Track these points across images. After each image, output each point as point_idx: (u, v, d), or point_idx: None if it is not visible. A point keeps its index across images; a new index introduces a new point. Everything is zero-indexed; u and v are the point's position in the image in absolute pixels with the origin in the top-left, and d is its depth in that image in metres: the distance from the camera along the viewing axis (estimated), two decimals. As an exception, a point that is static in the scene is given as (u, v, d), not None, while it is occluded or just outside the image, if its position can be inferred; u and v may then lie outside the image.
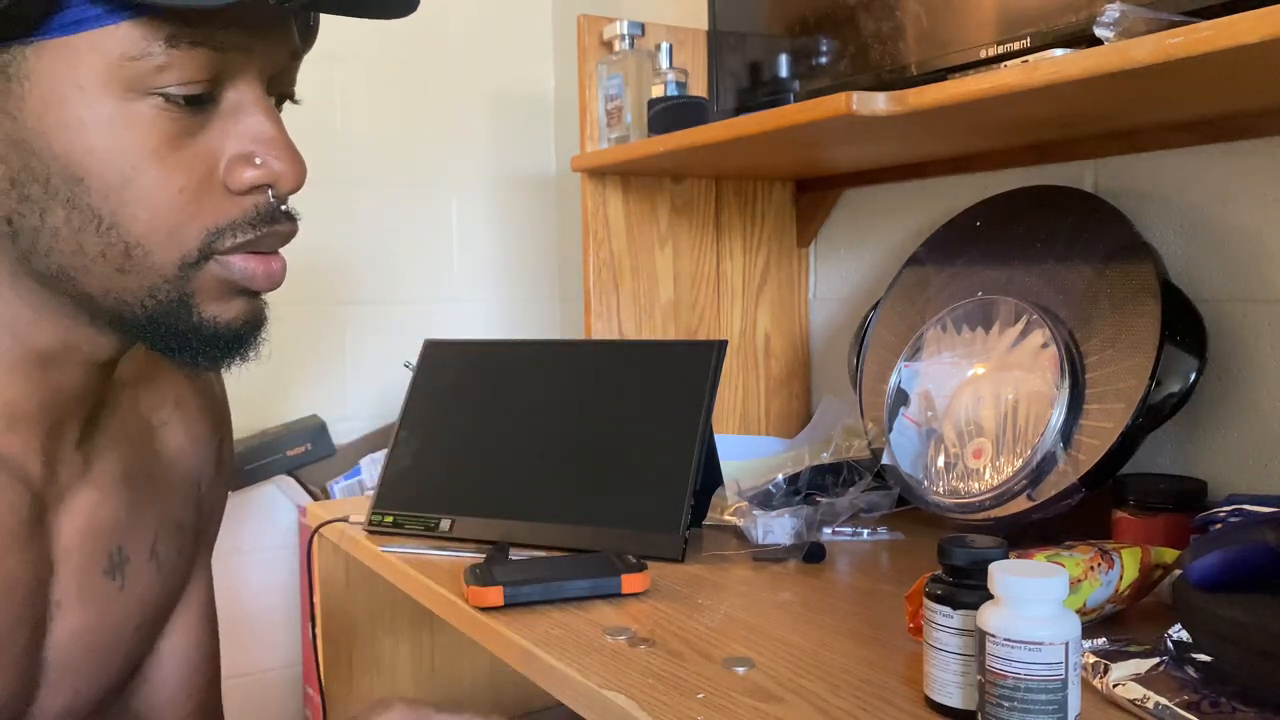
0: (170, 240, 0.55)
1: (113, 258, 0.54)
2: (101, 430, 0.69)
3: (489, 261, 2.02)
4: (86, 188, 0.53)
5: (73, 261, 0.55)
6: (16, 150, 0.53)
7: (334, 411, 1.84)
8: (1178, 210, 1.06)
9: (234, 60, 0.54)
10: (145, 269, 0.55)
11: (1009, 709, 0.59)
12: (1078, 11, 0.88)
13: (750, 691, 0.71)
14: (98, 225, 0.53)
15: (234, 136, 0.55)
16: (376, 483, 1.18)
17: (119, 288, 0.56)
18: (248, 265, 0.58)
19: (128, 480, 0.70)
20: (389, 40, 1.87)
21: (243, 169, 0.56)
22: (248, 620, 1.81)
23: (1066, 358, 0.98)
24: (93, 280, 0.55)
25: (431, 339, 1.26)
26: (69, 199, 0.53)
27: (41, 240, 0.54)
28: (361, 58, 1.85)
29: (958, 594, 0.66)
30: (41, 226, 0.54)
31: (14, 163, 0.53)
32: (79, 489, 0.66)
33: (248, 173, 0.56)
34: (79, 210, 0.53)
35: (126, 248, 0.54)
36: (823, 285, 1.52)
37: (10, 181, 0.53)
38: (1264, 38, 0.65)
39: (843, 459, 1.18)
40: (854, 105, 0.91)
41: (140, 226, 0.54)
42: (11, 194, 0.54)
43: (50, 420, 0.63)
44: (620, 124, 1.34)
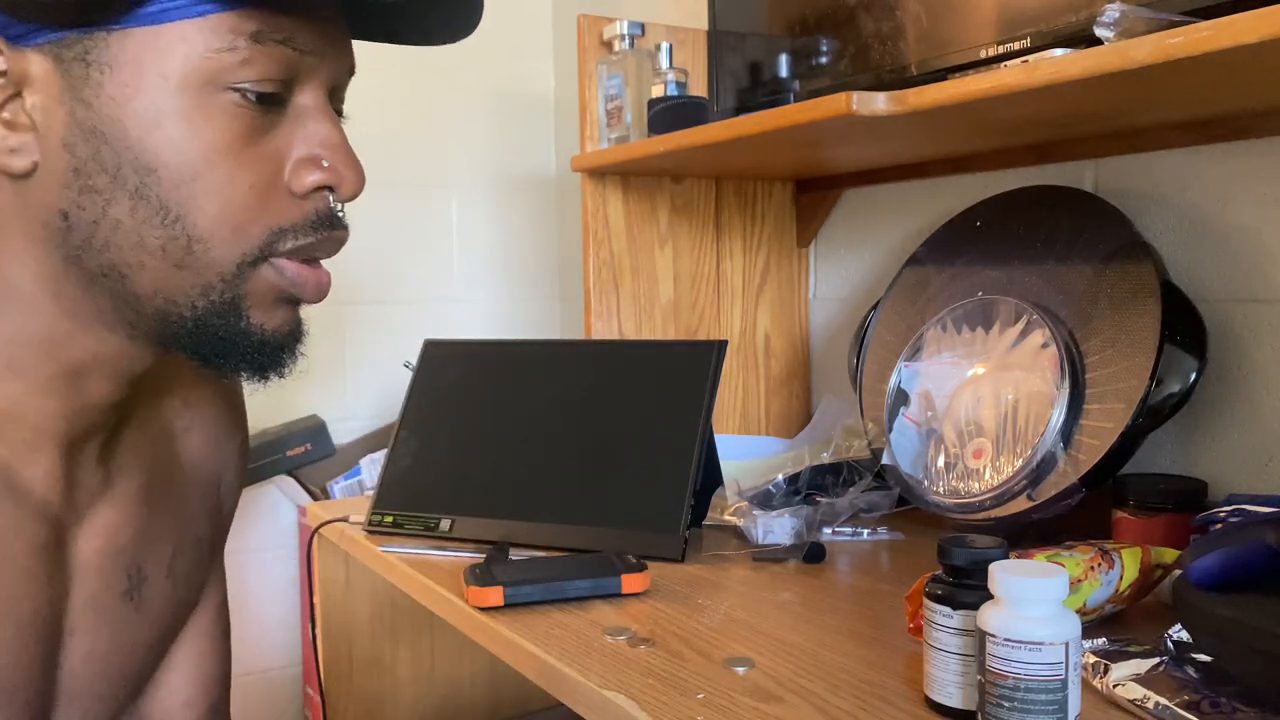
0: (234, 236, 0.55)
1: (173, 252, 0.54)
2: (122, 444, 0.67)
3: (489, 261, 2.02)
4: (158, 178, 0.53)
5: (129, 257, 0.54)
6: (87, 139, 0.52)
7: (334, 411, 1.84)
8: (1178, 210, 1.06)
9: (308, 64, 0.55)
10: (204, 265, 0.55)
11: (1009, 709, 0.59)
12: (1078, 11, 0.88)
13: (750, 691, 0.71)
14: (164, 217, 0.53)
15: (301, 140, 0.56)
16: (376, 483, 1.18)
17: (171, 286, 0.55)
18: (300, 273, 0.58)
19: (148, 495, 0.69)
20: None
21: (308, 171, 0.56)
22: (248, 620, 1.81)
23: (1066, 358, 0.98)
24: (145, 278, 0.55)
25: (431, 339, 1.26)
26: (137, 189, 0.53)
27: (99, 234, 0.54)
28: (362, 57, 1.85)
29: (958, 594, 0.66)
30: (102, 219, 0.53)
31: (82, 152, 0.53)
32: (99, 508, 0.65)
33: (312, 175, 0.56)
34: (146, 201, 0.53)
35: (189, 241, 0.54)
36: (823, 285, 1.52)
37: (74, 172, 0.53)
38: (1264, 38, 0.65)
39: (843, 459, 1.18)
40: (854, 105, 0.91)
41: (207, 220, 0.54)
42: (74, 185, 0.53)
43: (74, 438, 0.62)
44: (620, 124, 1.34)
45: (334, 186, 0.57)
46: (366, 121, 1.85)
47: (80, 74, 0.52)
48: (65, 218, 0.54)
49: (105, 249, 0.54)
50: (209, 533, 0.78)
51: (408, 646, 1.42)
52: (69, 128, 0.53)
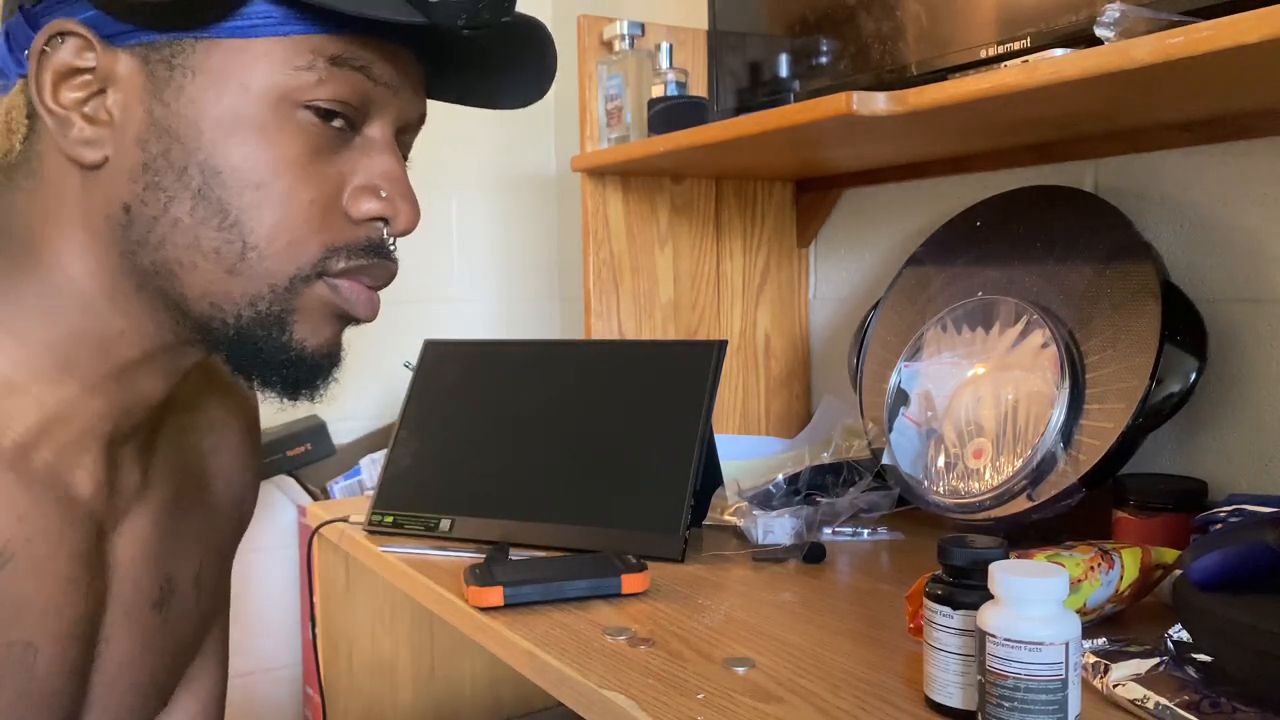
0: (289, 249, 0.56)
1: (227, 256, 0.55)
2: (157, 452, 0.67)
3: (489, 261, 2.02)
4: (223, 181, 0.54)
5: (183, 256, 0.55)
6: (160, 137, 0.54)
7: (334, 411, 1.84)
8: (1178, 210, 1.06)
9: (381, 96, 0.58)
10: (256, 274, 0.56)
11: (1009, 709, 0.59)
12: (1078, 11, 0.88)
13: (750, 691, 0.71)
14: (222, 219, 0.55)
15: (363, 169, 0.58)
16: (376, 483, 1.18)
17: (220, 291, 0.56)
18: (355, 290, 0.59)
19: (179, 505, 0.69)
20: (389, 40, 1.87)
21: (366, 198, 0.58)
22: (248, 620, 1.81)
23: (1066, 358, 0.98)
24: (196, 279, 0.56)
25: (431, 339, 1.26)
26: (200, 190, 0.54)
27: (157, 230, 0.55)
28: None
29: (958, 594, 0.66)
30: (162, 216, 0.55)
31: (153, 148, 0.54)
32: (135, 515, 0.65)
33: (370, 203, 0.58)
34: (207, 202, 0.54)
35: (244, 248, 0.55)
36: (823, 285, 1.52)
37: (143, 167, 0.55)
38: (1264, 38, 0.65)
39: (843, 459, 1.18)
40: (854, 105, 0.91)
41: (264, 229, 0.55)
42: (140, 180, 0.55)
43: (116, 439, 0.62)
44: (620, 124, 1.34)
45: (389, 219, 0.59)
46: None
47: (164, 76, 0.54)
48: (127, 211, 0.56)
49: (161, 245, 0.56)
50: (230, 551, 0.78)
51: (408, 646, 1.42)
52: (145, 125, 0.54)
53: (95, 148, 0.55)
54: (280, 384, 0.60)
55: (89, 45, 0.54)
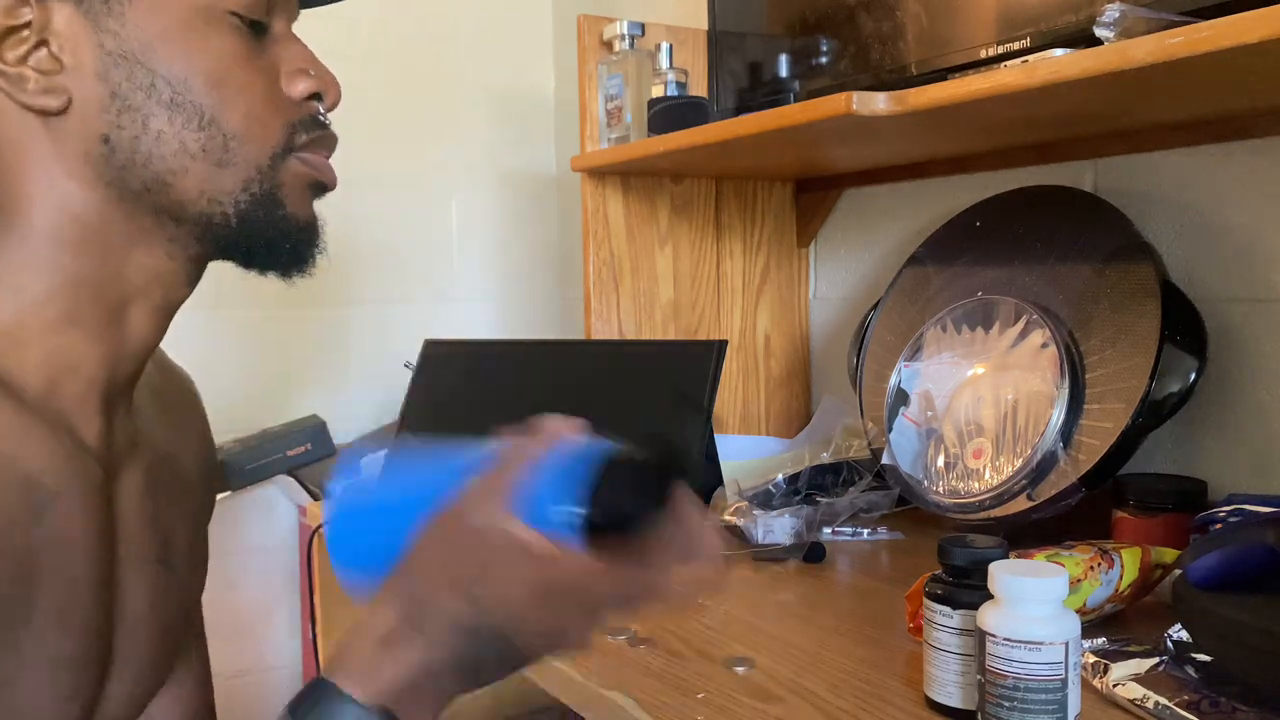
0: (262, 131, 0.62)
1: (213, 150, 0.60)
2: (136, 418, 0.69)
3: (489, 261, 2.02)
4: (189, 86, 0.59)
5: (173, 164, 0.60)
6: (118, 64, 0.58)
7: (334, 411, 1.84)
8: (1178, 210, 1.06)
9: None
10: (242, 160, 0.61)
11: (1009, 709, 0.59)
12: (1078, 11, 0.88)
13: (750, 691, 0.71)
14: (200, 120, 0.60)
15: (286, 58, 0.64)
16: (376, 483, 1.18)
17: (215, 186, 0.61)
18: (319, 159, 0.65)
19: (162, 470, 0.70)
20: (389, 39, 1.87)
21: (299, 79, 0.64)
22: (248, 620, 1.81)
23: (1066, 358, 0.98)
24: (189, 181, 0.60)
25: (431, 339, 1.26)
26: (172, 99, 0.59)
27: (142, 146, 0.59)
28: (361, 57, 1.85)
29: (958, 594, 0.66)
30: (143, 133, 0.59)
31: (116, 76, 0.58)
32: (130, 470, 0.66)
33: (303, 83, 0.64)
34: (182, 109, 0.59)
35: (225, 140, 0.60)
36: (823, 285, 1.52)
37: (112, 96, 0.58)
38: (1264, 38, 0.65)
39: (843, 459, 1.18)
40: (854, 105, 0.91)
41: (238, 118, 0.60)
42: (112, 108, 0.58)
43: (112, 392, 0.64)
44: (620, 124, 1.34)
45: (321, 93, 0.65)
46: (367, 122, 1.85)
47: (101, 9, 0.58)
48: (106, 141, 0.59)
49: (149, 161, 0.59)
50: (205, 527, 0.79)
51: (408, 646, 1.42)
52: (99, 59, 0.58)
53: (55, 94, 0.58)
54: (284, 260, 0.65)
55: (22, 1, 0.57)
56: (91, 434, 0.62)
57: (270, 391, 1.81)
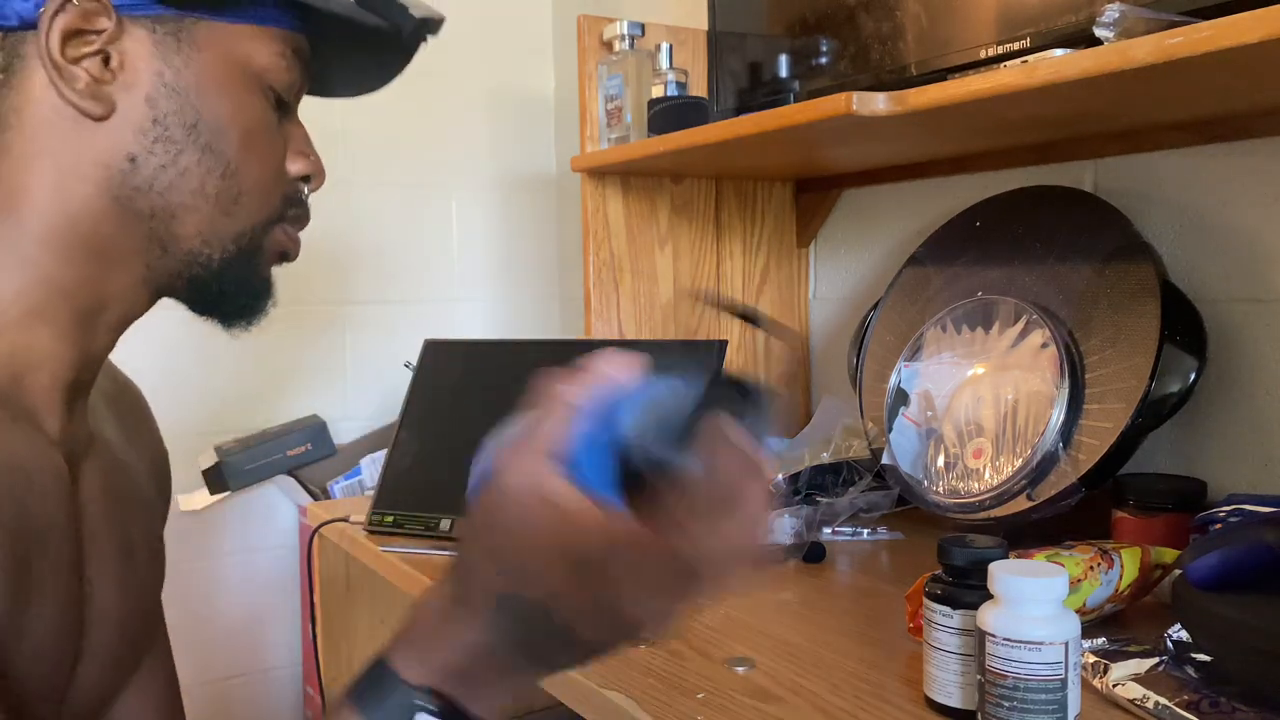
0: (266, 196, 0.67)
1: (224, 200, 0.65)
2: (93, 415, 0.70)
3: (489, 261, 2.02)
4: (225, 137, 0.64)
5: (187, 200, 0.64)
6: (170, 97, 0.62)
7: (334, 411, 1.84)
8: (1178, 210, 1.06)
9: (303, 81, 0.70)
10: (244, 215, 0.66)
11: (1009, 709, 0.59)
12: (1078, 11, 0.88)
13: (750, 691, 0.71)
14: (224, 170, 0.64)
15: (294, 137, 0.70)
16: (377, 483, 1.18)
17: (213, 230, 0.65)
18: (294, 237, 0.71)
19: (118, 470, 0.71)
20: (389, 40, 1.87)
21: (300, 161, 0.70)
22: (248, 620, 1.81)
23: (1066, 358, 0.98)
24: (193, 220, 0.64)
25: (431, 339, 1.26)
26: (207, 145, 0.63)
27: (164, 176, 0.63)
28: (361, 58, 1.85)
29: (958, 594, 0.66)
30: (170, 165, 0.63)
31: (164, 106, 0.62)
32: (90, 467, 0.67)
33: (301, 163, 0.70)
34: (213, 155, 0.64)
35: (238, 194, 0.65)
36: (823, 285, 1.52)
37: (152, 122, 0.62)
38: (1264, 38, 0.65)
39: (843, 459, 1.18)
40: (854, 105, 0.91)
41: (253, 178, 0.66)
42: (149, 133, 0.62)
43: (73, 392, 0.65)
44: (620, 124, 1.34)
45: (312, 176, 0.71)
46: (367, 122, 1.86)
47: (171, 45, 0.62)
48: (132, 160, 0.62)
49: (166, 191, 0.63)
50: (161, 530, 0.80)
51: (408, 646, 1.42)
52: (155, 85, 0.62)
53: (101, 102, 0.61)
54: (239, 312, 0.69)
55: (103, 11, 0.60)
56: (54, 428, 0.63)
57: (270, 391, 1.81)
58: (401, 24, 0.69)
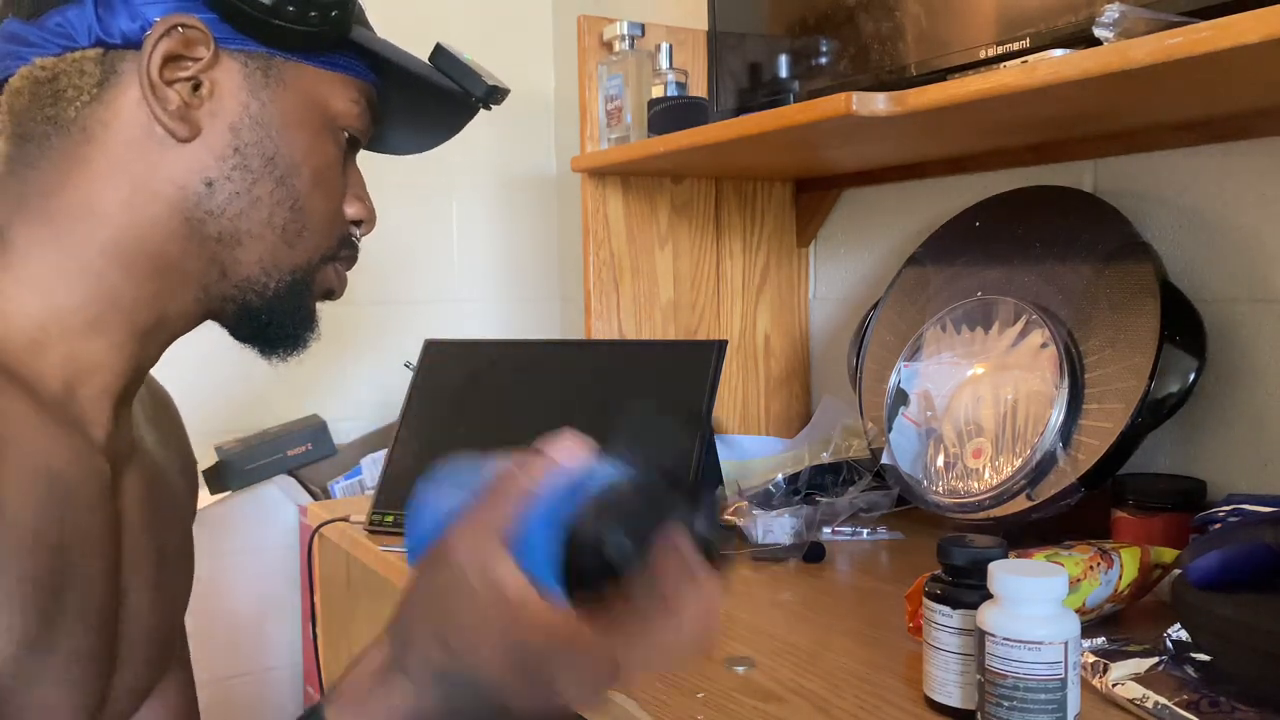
0: (325, 232, 0.70)
1: (290, 232, 0.67)
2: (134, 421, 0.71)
3: (489, 261, 2.02)
4: (299, 172, 0.67)
5: (254, 228, 0.66)
6: (253, 128, 0.65)
7: (334, 411, 1.84)
8: (1178, 210, 1.06)
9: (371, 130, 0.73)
10: (304, 249, 0.68)
11: (1009, 708, 0.59)
12: (1077, 12, 0.88)
13: (750, 691, 0.71)
14: (293, 203, 0.67)
15: (353, 181, 0.73)
16: (377, 483, 1.18)
17: (274, 259, 0.67)
18: (343, 276, 0.74)
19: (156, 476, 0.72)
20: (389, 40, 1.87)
21: (355, 205, 0.73)
22: (248, 620, 1.81)
23: (1066, 358, 0.98)
24: (257, 247, 0.66)
25: (431, 339, 1.26)
26: (281, 177, 0.66)
27: (236, 203, 0.65)
28: (361, 58, 1.85)
29: (957, 594, 0.66)
30: (244, 192, 0.65)
31: (246, 136, 0.65)
32: (132, 474, 0.68)
33: (357, 207, 0.73)
34: (285, 188, 0.66)
35: (302, 228, 0.68)
36: (823, 285, 1.52)
37: (234, 150, 0.64)
38: (1264, 38, 0.65)
39: (842, 459, 1.18)
40: (854, 105, 0.91)
41: (317, 215, 0.69)
42: (229, 160, 0.64)
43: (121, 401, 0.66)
44: (620, 124, 1.34)
45: (365, 221, 0.74)
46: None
47: (259, 80, 0.65)
48: (209, 185, 0.64)
49: (239, 216, 0.65)
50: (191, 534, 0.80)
51: (408, 646, 1.42)
52: (240, 115, 0.64)
53: (188, 124, 0.63)
54: (284, 342, 0.71)
55: (204, 41, 0.63)
56: (100, 437, 0.64)
57: (270, 391, 1.81)
58: (472, 90, 0.74)
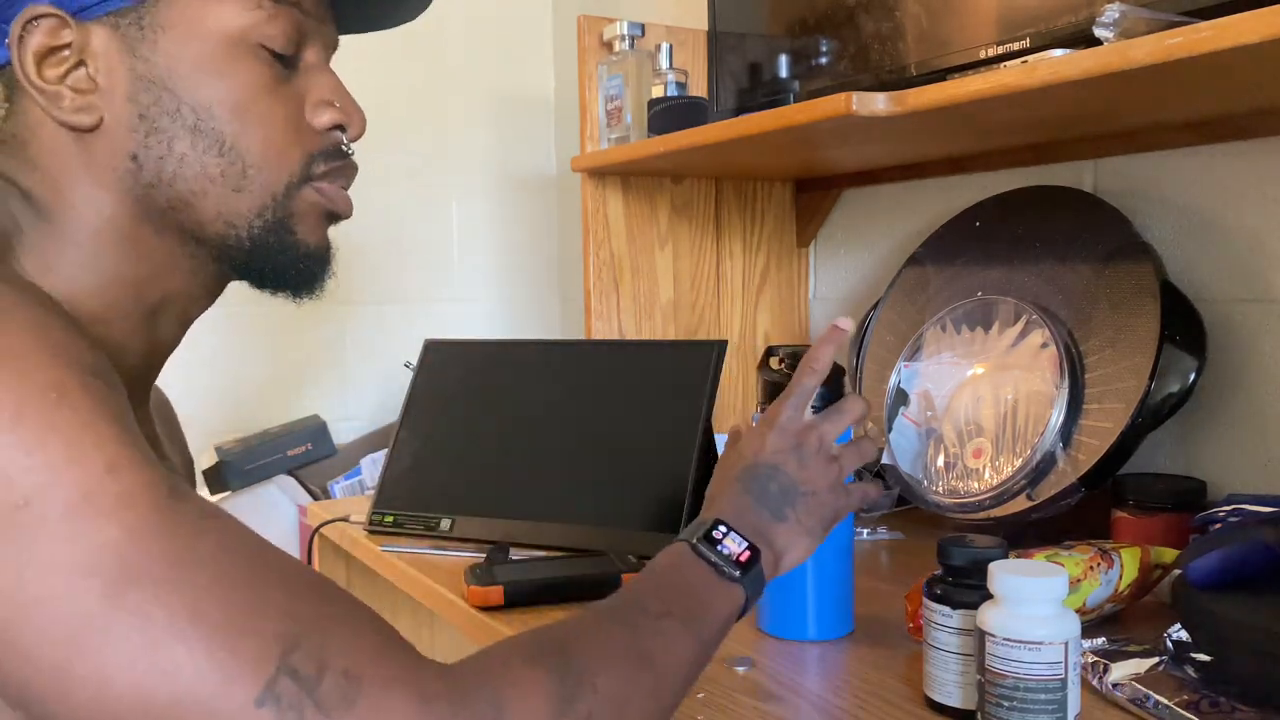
0: (280, 160, 0.64)
1: (231, 176, 0.63)
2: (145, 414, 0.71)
3: (489, 261, 2.02)
4: (212, 113, 0.62)
5: (194, 186, 0.62)
6: (148, 88, 0.61)
7: (334, 411, 1.84)
8: (1178, 210, 1.06)
9: (311, 27, 0.66)
10: (258, 187, 0.64)
11: (1009, 708, 0.59)
12: (1077, 12, 0.88)
13: (750, 691, 0.71)
14: (220, 146, 0.62)
15: (314, 87, 0.67)
16: (377, 483, 1.18)
17: (231, 210, 0.63)
18: (335, 191, 0.68)
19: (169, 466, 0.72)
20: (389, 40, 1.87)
21: (324, 110, 0.67)
22: (248, 620, 1.81)
23: (1066, 358, 0.98)
24: (208, 204, 0.63)
25: (431, 339, 1.26)
26: (195, 125, 0.62)
27: (167, 167, 0.62)
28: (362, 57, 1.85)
29: (957, 594, 0.66)
30: (168, 154, 0.62)
31: (144, 99, 0.61)
32: None
33: (328, 113, 0.67)
34: (204, 135, 0.62)
35: (244, 167, 0.63)
36: (823, 285, 1.52)
37: (140, 118, 0.61)
38: (1264, 38, 0.65)
39: (843, 459, 1.18)
40: (854, 105, 0.91)
41: (257, 147, 0.63)
42: (139, 129, 0.61)
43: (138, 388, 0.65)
44: (620, 124, 1.34)
45: (345, 124, 0.68)
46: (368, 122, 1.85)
47: (136, 36, 0.61)
48: (135, 159, 0.62)
49: (173, 181, 0.62)
50: None
51: (408, 646, 1.42)
52: (131, 82, 0.61)
53: (89, 113, 0.61)
54: (293, 283, 0.68)
55: (63, 23, 0.60)
56: None
57: (270, 391, 1.81)
58: None
